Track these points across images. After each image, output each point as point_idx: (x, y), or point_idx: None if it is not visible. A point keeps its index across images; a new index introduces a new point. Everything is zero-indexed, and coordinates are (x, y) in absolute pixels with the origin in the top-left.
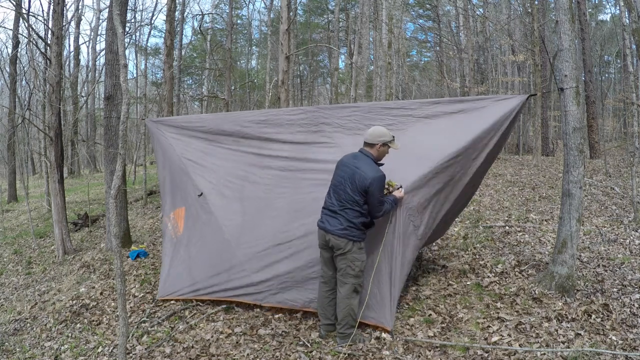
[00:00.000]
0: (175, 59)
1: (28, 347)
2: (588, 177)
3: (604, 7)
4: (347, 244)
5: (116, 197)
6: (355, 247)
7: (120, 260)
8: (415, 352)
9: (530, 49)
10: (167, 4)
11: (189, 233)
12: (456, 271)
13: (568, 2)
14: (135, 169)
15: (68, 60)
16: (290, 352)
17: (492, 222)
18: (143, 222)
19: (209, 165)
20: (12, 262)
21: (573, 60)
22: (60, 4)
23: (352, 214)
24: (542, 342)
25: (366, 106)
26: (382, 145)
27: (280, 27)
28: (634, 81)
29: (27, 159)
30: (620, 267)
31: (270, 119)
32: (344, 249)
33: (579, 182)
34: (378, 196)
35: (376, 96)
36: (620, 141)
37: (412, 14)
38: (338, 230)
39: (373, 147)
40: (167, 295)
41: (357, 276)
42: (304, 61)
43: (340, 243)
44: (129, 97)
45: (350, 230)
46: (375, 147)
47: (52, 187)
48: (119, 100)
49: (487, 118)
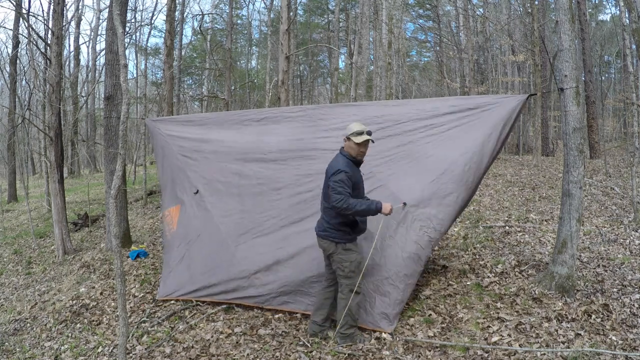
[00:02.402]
0: (175, 59)
1: (28, 347)
2: (588, 177)
3: (604, 7)
4: (329, 246)
5: (116, 197)
6: (339, 248)
7: (120, 260)
8: (415, 352)
9: (530, 49)
10: (167, 4)
11: (185, 230)
12: (456, 271)
13: (568, 2)
14: (135, 169)
15: (68, 60)
16: (290, 352)
17: (492, 222)
18: (143, 222)
19: (204, 160)
20: (12, 262)
21: (573, 60)
22: (60, 4)
23: (330, 214)
24: (542, 342)
25: (365, 105)
26: (347, 140)
27: (280, 27)
28: (634, 81)
29: (27, 159)
30: (620, 267)
31: (270, 117)
32: (328, 250)
33: (579, 182)
34: (332, 184)
35: (376, 96)
36: (620, 141)
37: (412, 14)
38: (321, 231)
39: (345, 143)
40: (167, 296)
41: (348, 277)
42: (304, 61)
43: (324, 244)
44: (129, 97)
45: (330, 232)
46: (346, 143)
47: (52, 187)
48: (119, 100)
49: (489, 121)
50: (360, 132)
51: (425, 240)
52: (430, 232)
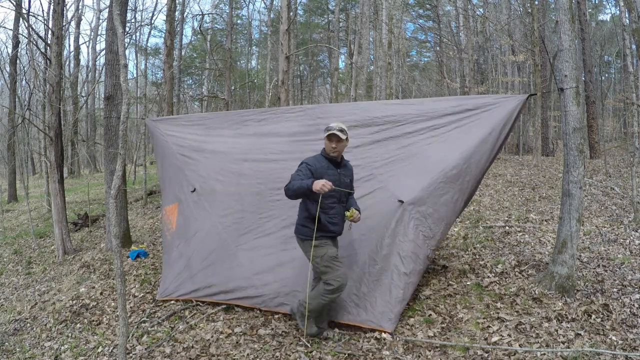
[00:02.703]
0: (175, 59)
1: (28, 347)
2: (588, 177)
3: (604, 7)
4: (299, 242)
5: (116, 197)
6: (306, 245)
7: (120, 260)
8: (415, 352)
9: (530, 49)
10: (167, 4)
11: (184, 230)
12: (456, 271)
13: (568, 2)
14: (135, 169)
15: (68, 60)
16: (290, 352)
17: (492, 222)
18: (143, 222)
19: (204, 160)
20: (12, 262)
21: (573, 60)
22: (60, 4)
23: (299, 211)
24: (542, 342)
25: (365, 104)
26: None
27: (280, 27)
28: (634, 81)
29: (27, 159)
30: (620, 267)
31: (269, 117)
32: (300, 247)
33: (579, 182)
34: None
35: (376, 96)
36: (620, 141)
37: (412, 14)
38: (295, 230)
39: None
40: (167, 296)
41: (324, 272)
42: (304, 61)
43: (297, 242)
44: (129, 97)
45: (298, 228)
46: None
47: (52, 187)
48: (119, 100)
49: (489, 121)
50: (329, 129)
51: (421, 238)
52: (426, 230)
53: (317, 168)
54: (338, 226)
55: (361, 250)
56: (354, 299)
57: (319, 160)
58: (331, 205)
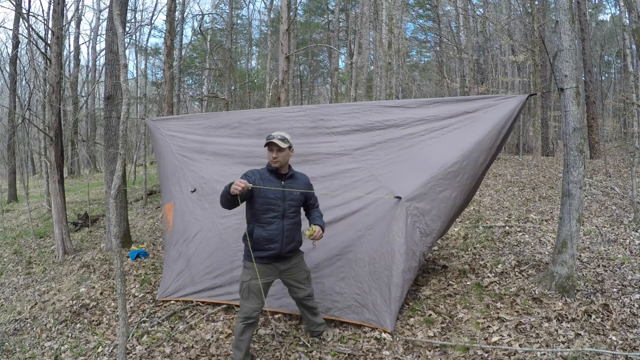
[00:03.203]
0: (175, 59)
1: (28, 347)
2: (588, 177)
3: (604, 7)
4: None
5: (116, 197)
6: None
7: (120, 260)
8: (415, 352)
9: (530, 49)
10: (167, 4)
11: (184, 230)
12: (456, 271)
13: (568, 2)
14: (135, 169)
15: (68, 60)
16: (290, 352)
17: (492, 222)
18: (143, 222)
19: (203, 161)
20: (12, 262)
21: (573, 60)
22: (60, 4)
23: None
24: (542, 342)
25: (366, 105)
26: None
27: (280, 27)
28: (634, 81)
29: (27, 159)
30: (620, 267)
31: (269, 117)
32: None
33: (579, 182)
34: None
35: (376, 96)
36: (620, 141)
37: (412, 14)
38: None
39: None
40: (167, 296)
41: (240, 297)
42: (304, 61)
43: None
44: (129, 97)
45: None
46: None
47: (52, 187)
48: (119, 100)
49: (489, 120)
50: (268, 137)
51: (417, 235)
52: (422, 227)
53: (256, 179)
54: (279, 244)
55: (361, 249)
56: (357, 297)
57: (260, 172)
58: (270, 220)
